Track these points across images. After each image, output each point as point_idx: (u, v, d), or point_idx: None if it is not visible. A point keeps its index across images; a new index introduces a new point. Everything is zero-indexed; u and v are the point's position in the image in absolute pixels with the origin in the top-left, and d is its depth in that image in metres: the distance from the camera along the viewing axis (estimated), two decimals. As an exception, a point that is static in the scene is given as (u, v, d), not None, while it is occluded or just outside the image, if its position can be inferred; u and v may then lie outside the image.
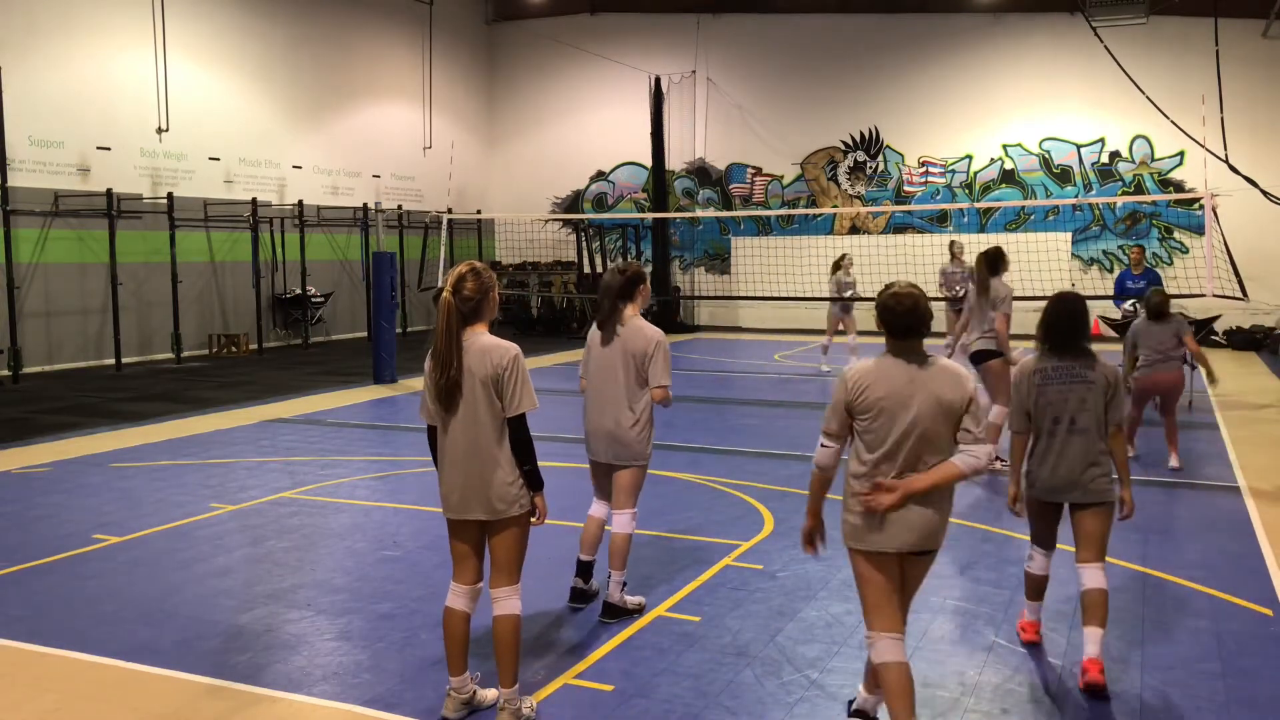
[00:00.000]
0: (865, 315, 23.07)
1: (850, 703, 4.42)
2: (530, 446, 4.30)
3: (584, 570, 5.79)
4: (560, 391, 14.65)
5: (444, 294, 4.22)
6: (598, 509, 5.81)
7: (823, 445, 4.04)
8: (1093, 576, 4.80)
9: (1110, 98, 20.30)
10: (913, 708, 3.88)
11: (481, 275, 4.29)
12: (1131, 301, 13.49)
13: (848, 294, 16.00)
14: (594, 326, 5.68)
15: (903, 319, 3.92)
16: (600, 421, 5.56)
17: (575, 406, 13.20)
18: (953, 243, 15.95)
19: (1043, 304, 5.16)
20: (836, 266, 16.11)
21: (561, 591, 5.86)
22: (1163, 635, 5.31)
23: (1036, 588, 5.21)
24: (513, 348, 4.25)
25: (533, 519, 4.37)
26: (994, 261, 9.03)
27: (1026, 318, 12.69)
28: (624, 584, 5.60)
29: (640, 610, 5.63)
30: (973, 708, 4.52)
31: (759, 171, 24.81)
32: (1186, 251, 20.90)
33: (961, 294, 13.41)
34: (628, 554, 5.58)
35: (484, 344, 4.24)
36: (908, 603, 4.08)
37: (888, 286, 4.02)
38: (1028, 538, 7.01)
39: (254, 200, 19.43)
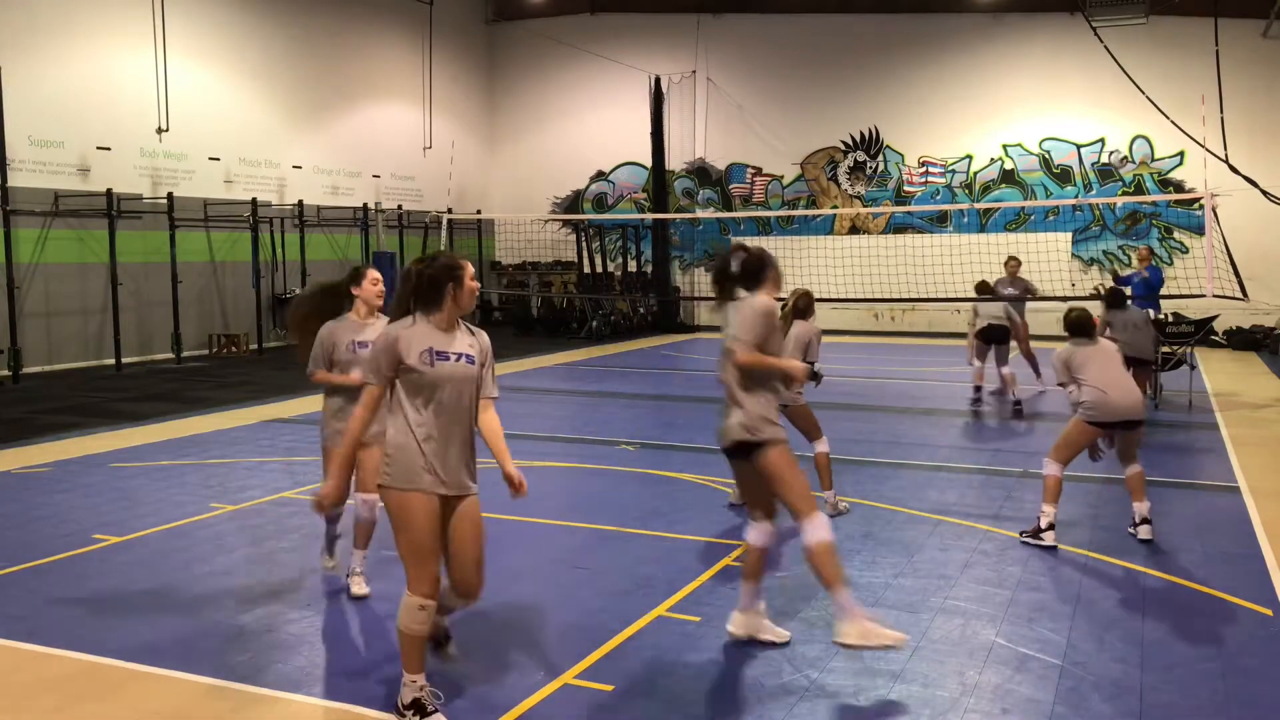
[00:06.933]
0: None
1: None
2: None
3: None
4: (560, 391, 14.65)
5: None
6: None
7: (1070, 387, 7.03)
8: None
9: (1110, 98, 20.30)
10: (1047, 497, 6.81)
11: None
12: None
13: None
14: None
15: (1088, 328, 7.05)
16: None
17: (576, 406, 13.23)
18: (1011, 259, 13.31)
19: (1042, 304, 5.87)
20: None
21: (562, 593, 5.85)
22: (1163, 635, 5.31)
23: None
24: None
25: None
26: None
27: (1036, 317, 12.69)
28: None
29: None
30: (973, 708, 4.51)
31: (759, 171, 24.81)
32: (1186, 251, 20.90)
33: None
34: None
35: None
36: (1127, 457, 7.00)
37: (1071, 309, 7.14)
38: (1025, 538, 7.02)
39: (254, 200, 19.41)
